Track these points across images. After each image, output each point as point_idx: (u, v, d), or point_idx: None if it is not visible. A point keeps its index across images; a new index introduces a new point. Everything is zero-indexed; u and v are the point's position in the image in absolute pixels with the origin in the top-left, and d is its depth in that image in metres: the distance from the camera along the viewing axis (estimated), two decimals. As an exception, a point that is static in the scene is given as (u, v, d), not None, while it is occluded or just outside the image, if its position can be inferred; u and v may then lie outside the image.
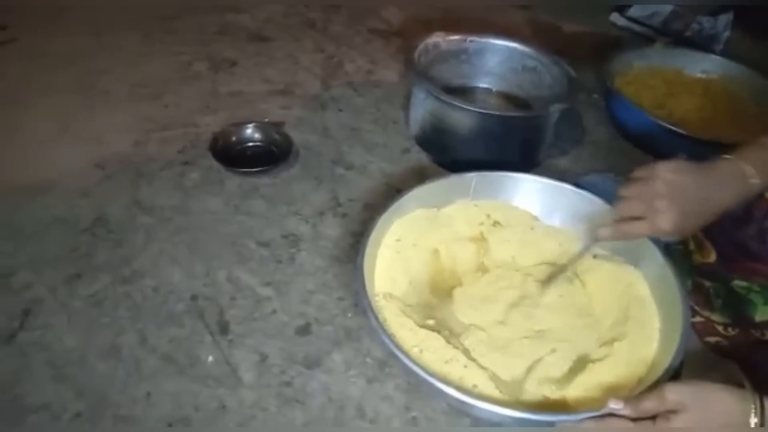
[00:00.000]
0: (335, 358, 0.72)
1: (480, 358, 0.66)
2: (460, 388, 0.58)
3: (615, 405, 0.53)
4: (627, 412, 0.53)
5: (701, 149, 0.95)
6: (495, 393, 0.62)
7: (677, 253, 0.77)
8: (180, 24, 1.34)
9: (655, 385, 0.57)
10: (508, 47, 1.09)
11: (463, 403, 0.58)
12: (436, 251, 0.79)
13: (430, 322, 0.70)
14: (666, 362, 0.61)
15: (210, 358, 0.70)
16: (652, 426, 0.52)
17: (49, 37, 1.24)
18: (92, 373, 0.68)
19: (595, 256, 0.77)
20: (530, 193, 0.84)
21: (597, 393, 0.63)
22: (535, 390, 0.64)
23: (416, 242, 0.78)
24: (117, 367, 0.68)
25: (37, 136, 1.00)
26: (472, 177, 0.83)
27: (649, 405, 0.52)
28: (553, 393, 0.63)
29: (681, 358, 0.62)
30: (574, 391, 0.63)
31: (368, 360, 0.72)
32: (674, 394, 0.51)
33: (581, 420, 0.56)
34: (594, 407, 0.56)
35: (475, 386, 0.63)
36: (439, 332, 0.68)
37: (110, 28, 1.29)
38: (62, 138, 1.00)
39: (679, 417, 0.51)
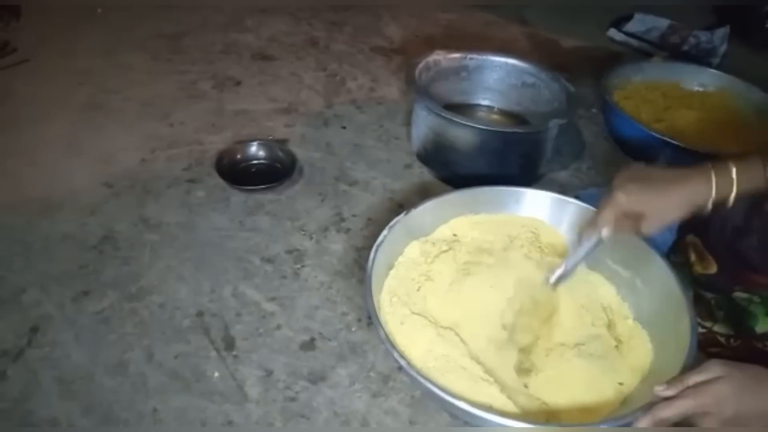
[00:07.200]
0: (340, 373, 0.72)
1: (484, 368, 0.67)
2: (468, 401, 0.58)
3: (659, 388, 0.55)
4: (671, 392, 0.54)
5: (699, 162, 0.97)
6: (498, 402, 0.63)
7: (678, 265, 0.77)
8: (186, 43, 1.37)
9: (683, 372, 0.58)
10: (507, 64, 1.11)
11: (469, 414, 0.58)
12: (440, 263, 0.79)
13: (435, 332, 0.70)
14: (685, 350, 0.62)
15: (216, 374, 0.71)
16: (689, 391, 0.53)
17: (59, 58, 1.27)
18: (99, 390, 0.68)
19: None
20: (533, 207, 0.85)
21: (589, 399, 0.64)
22: (536, 397, 0.64)
23: (421, 255, 0.79)
24: (124, 383, 0.69)
25: (48, 154, 1.02)
26: (476, 192, 0.84)
27: (694, 378, 0.54)
28: (545, 401, 0.64)
29: (694, 355, 0.62)
30: (553, 396, 0.64)
31: (372, 374, 0.72)
32: (716, 365, 0.54)
33: (594, 428, 0.56)
34: (588, 418, 0.57)
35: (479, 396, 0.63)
36: (441, 342, 0.69)
37: (119, 48, 1.32)
38: (72, 156, 1.02)
39: (719, 382, 0.53)
